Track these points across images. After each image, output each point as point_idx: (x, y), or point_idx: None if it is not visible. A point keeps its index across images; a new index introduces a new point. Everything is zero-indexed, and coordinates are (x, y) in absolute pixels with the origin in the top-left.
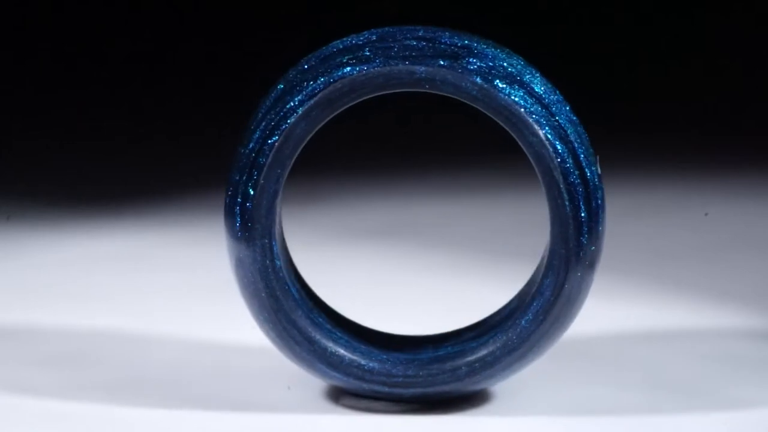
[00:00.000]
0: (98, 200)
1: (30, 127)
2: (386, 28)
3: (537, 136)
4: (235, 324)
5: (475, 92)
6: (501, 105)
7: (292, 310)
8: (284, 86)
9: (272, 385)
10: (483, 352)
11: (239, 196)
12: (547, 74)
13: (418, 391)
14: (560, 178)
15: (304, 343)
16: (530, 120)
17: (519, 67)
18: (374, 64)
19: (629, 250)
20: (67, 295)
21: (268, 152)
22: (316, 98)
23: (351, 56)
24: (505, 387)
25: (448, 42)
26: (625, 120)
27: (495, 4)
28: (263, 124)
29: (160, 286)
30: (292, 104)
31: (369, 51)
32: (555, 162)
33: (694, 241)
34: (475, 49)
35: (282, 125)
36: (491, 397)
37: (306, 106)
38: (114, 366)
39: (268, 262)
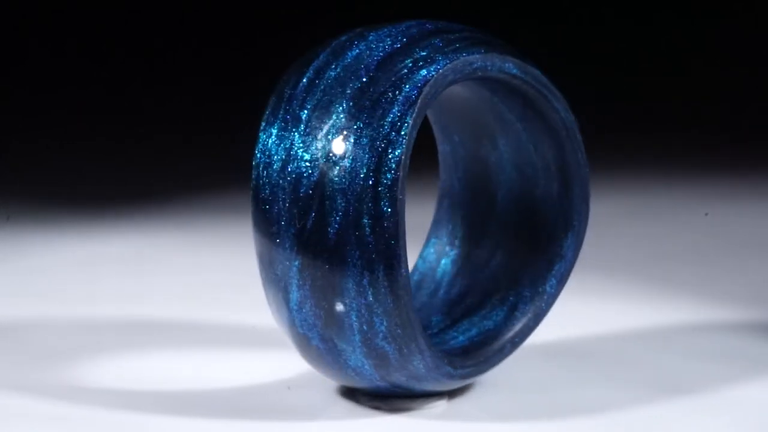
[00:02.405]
0: (98, 201)
1: (30, 127)
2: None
3: (561, 101)
4: (235, 324)
5: (516, 71)
6: (537, 78)
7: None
8: (363, 103)
9: (272, 385)
10: (519, 326)
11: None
12: (547, 74)
13: (473, 378)
14: (579, 138)
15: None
16: (554, 88)
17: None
18: (441, 63)
19: (629, 250)
20: (67, 295)
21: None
22: (416, 106)
23: (409, 59)
24: (504, 387)
25: (466, 32)
26: (625, 120)
27: (494, 3)
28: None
29: (160, 287)
30: (392, 118)
31: (424, 51)
32: (574, 123)
33: (694, 241)
34: (481, 34)
35: (400, 139)
36: (491, 397)
37: (412, 116)
38: (114, 366)
39: None
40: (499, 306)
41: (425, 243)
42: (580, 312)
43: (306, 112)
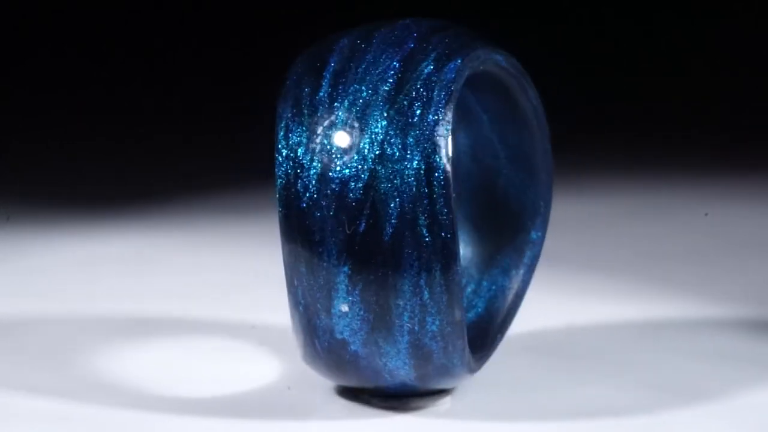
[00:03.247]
0: (98, 201)
1: (30, 127)
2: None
3: (534, 90)
4: (236, 324)
5: (504, 62)
6: (517, 68)
7: None
8: (400, 105)
9: (272, 384)
10: (500, 317)
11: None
12: (547, 74)
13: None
14: (547, 126)
15: None
16: (528, 77)
17: None
18: (458, 59)
19: (629, 250)
20: (67, 295)
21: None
22: (452, 104)
23: (429, 57)
24: (503, 386)
25: (458, 27)
26: (625, 120)
27: (494, 3)
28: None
29: (160, 287)
30: (433, 117)
31: (438, 48)
32: (544, 112)
33: (694, 241)
34: (468, 29)
35: (444, 138)
36: (490, 397)
37: (451, 114)
38: (114, 366)
39: None
40: (476, 298)
41: None
42: (580, 312)
43: (340, 117)
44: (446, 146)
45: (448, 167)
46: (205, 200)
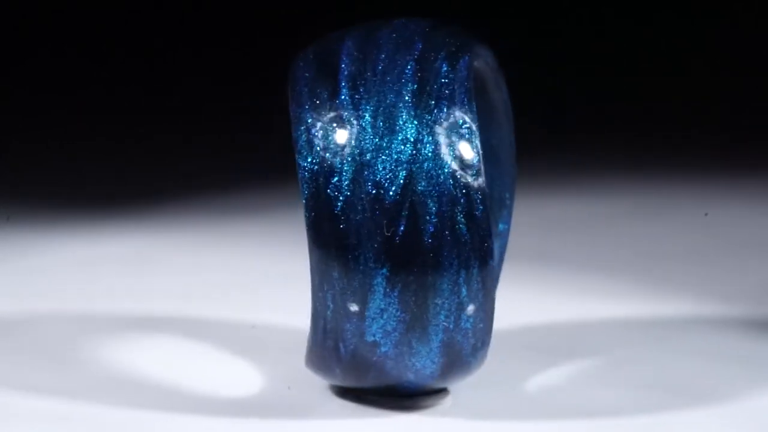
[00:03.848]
0: (98, 201)
1: (30, 127)
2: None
3: (505, 82)
4: (236, 324)
5: (489, 57)
6: (495, 60)
7: None
8: (426, 105)
9: (272, 384)
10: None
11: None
12: (547, 75)
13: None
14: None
15: None
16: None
17: None
18: (466, 56)
19: (628, 250)
20: (67, 295)
21: None
22: (473, 101)
23: (439, 55)
24: (503, 386)
25: (452, 24)
26: (625, 120)
27: (494, 3)
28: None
29: (160, 287)
30: (459, 116)
31: (445, 46)
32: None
33: (694, 241)
34: (459, 25)
35: (472, 135)
36: (490, 396)
37: (473, 111)
38: (114, 366)
39: None
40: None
41: None
42: (580, 312)
43: (367, 119)
44: (476, 143)
45: (480, 164)
46: (205, 200)
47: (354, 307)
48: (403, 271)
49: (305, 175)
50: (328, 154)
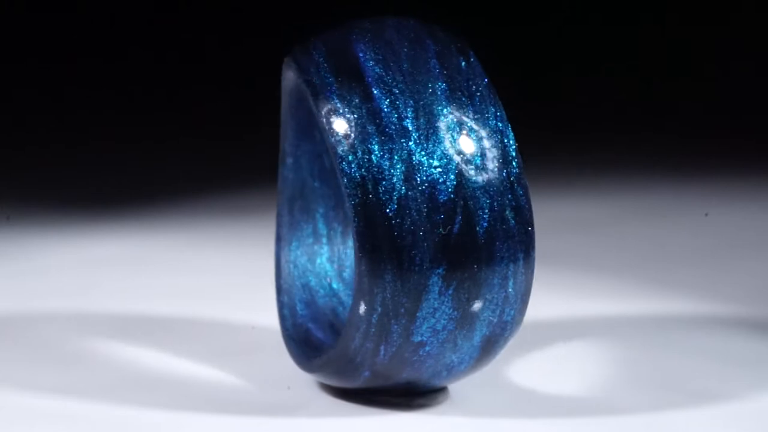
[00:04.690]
0: (99, 201)
1: (30, 127)
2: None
3: None
4: (236, 324)
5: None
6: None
7: None
8: (461, 102)
9: (273, 384)
10: None
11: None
12: (547, 75)
13: None
14: None
15: None
16: None
17: None
18: (471, 54)
19: (628, 250)
20: (67, 295)
21: None
22: (497, 95)
23: (453, 52)
24: (503, 385)
25: (432, 25)
26: (625, 120)
27: (494, 2)
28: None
29: (160, 287)
30: (493, 110)
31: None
32: None
33: (694, 241)
34: (436, 25)
35: (507, 128)
36: (489, 395)
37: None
38: (113, 366)
39: None
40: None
41: (283, 248)
42: (580, 311)
43: (409, 121)
44: (512, 136)
45: (518, 156)
46: (205, 201)
47: (406, 308)
48: (459, 269)
49: (349, 182)
50: (374, 158)
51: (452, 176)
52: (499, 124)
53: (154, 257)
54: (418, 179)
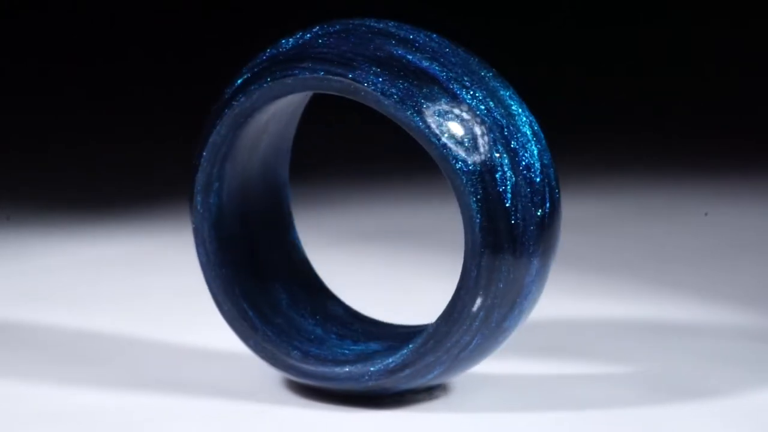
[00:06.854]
0: (99, 201)
1: (30, 127)
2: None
3: None
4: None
5: None
6: None
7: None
8: (504, 85)
9: (272, 384)
10: None
11: None
12: (546, 76)
13: None
14: None
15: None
16: None
17: None
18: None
19: (629, 250)
20: (67, 295)
21: None
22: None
23: (457, 48)
24: (503, 383)
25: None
26: (625, 120)
27: (495, 2)
28: None
29: (159, 287)
30: (518, 98)
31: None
32: None
33: (694, 241)
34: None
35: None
36: (488, 393)
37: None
38: (113, 366)
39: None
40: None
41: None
42: (579, 311)
43: (493, 110)
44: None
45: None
46: None
47: (510, 298)
48: (549, 249)
49: (470, 179)
50: (483, 150)
51: (536, 158)
52: (523, 104)
53: (154, 257)
54: (520, 164)
